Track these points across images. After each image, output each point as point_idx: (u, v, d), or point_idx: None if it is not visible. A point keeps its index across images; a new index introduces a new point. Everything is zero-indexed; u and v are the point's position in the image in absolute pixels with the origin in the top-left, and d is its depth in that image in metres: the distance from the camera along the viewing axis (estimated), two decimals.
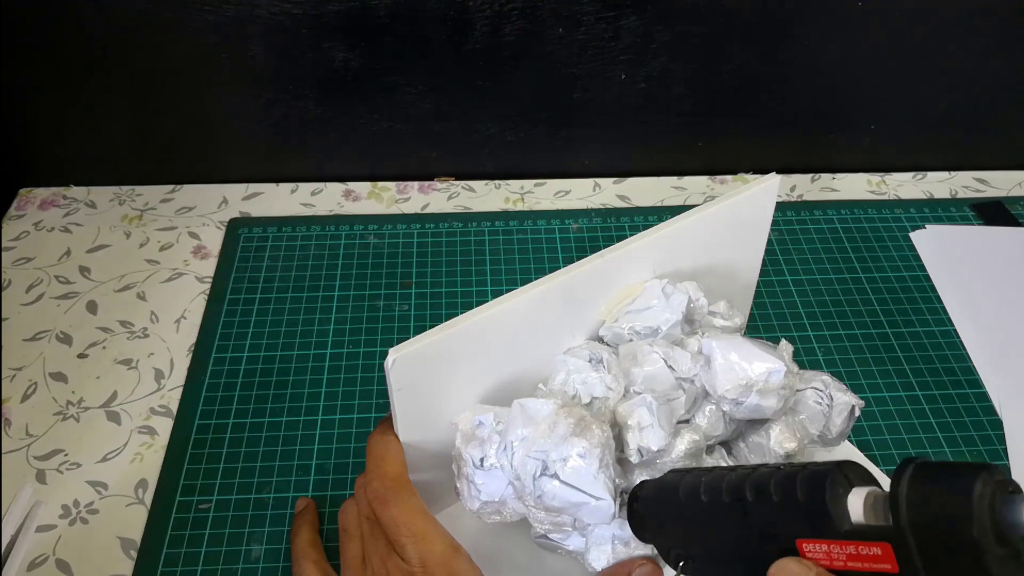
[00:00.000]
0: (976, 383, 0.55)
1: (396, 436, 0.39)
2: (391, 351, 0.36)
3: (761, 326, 0.58)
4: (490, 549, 0.44)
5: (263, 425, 0.52)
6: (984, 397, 0.54)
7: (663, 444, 0.38)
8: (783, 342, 0.43)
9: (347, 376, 0.55)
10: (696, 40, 0.63)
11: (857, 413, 0.43)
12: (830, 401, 0.43)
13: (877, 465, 0.50)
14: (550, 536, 0.40)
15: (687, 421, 0.42)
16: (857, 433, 0.52)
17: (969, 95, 0.68)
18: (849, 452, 0.50)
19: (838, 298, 0.60)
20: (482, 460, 0.38)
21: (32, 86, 0.62)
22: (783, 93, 0.67)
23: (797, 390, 0.43)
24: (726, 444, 0.44)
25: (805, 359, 0.56)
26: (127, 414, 0.53)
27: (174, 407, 0.53)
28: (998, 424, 0.53)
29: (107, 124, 0.65)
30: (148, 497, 0.48)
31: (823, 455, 0.48)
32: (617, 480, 0.37)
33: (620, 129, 0.69)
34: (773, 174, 0.45)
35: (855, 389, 0.54)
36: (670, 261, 0.44)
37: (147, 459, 0.50)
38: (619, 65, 0.64)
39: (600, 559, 0.39)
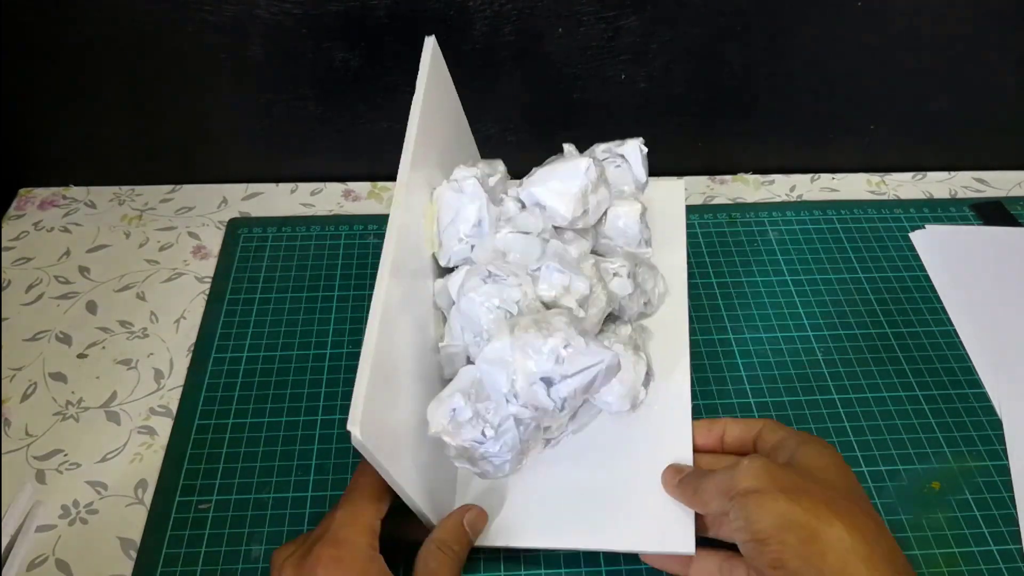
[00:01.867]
0: (976, 383, 0.55)
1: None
2: (350, 425, 0.35)
3: (761, 326, 0.58)
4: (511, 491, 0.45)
5: (263, 425, 0.52)
6: (984, 397, 0.54)
7: (588, 284, 0.43)
8: (567, 145, 0.49)
9: (347, 376, 0.54)
10: (696, 40, 0.63)
11: (644, 149, 0.51)
12: (623, 158, 0.51)
13: (877, 465, 0.50)
14: (555, 437, 0.45)
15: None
16: (857, 433, 0.52)
17: (969, 95, 0.68)
18: None
19: (838, 298, 0.60)
20: (484, 432, 0.39)
21: (32, 86, 0.62)
22: (783, 93, 0.67)
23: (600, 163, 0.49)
24: (593, 250, 0.50)
25: (805, 359, 0.56)
26: (127, 414, 0.53)
27: (174, 407, 0.53)
28: (998, 424, 0.53)
29: (107, 124, 0.65)
30: (148, 497, 0.48)
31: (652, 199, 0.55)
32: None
33: (620, 129, 0.68)
34: (429, 40, 0.51)
35: (855, 389, 0.54)
36: (428, 164, 0.48)
37: (147, 459, 0.50)
38: (619, 65, 0.64)
39: (616, 396, 0.44)
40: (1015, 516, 0.48)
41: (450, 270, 0.47)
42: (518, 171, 0.70)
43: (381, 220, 0.66)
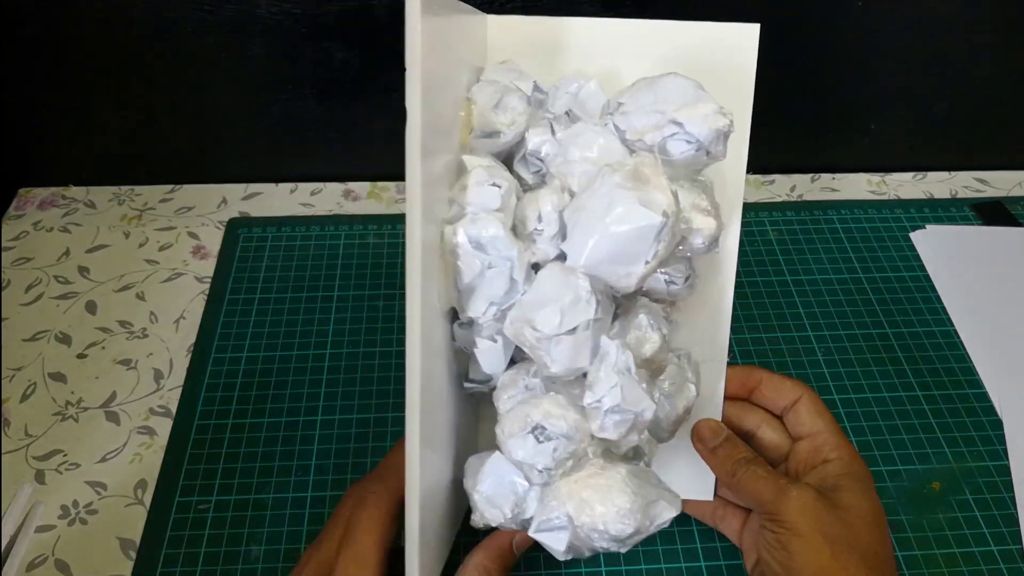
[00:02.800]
0: (976, 383, 0.55)
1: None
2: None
3: (761, 326, 0.58)
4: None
5: (263, 425, 0.52)
6: (984, 397, 0.54)
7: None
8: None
9: (347, 376, 0.54)
10: None
11: (724, 120, 0.37)
12: (693, 140, 0.37)
13: (877, 465, 0.50)
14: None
15: None
16: (857, 433, 0.52)
17: (969, 95, 0.68)
18: None
19: (838, 298, 0.60)
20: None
21: (32, 86, 0.62)
22: (783, 93, 0.67)
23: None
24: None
25: (805, 359, 0.56)
26: (126, 414, 0.52)
27: (173, 407, 0.53)
28: (998, 424, 0.53)
29: (107, 124, 0.65)
30: (147, 497, 0.48)
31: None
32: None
33: None
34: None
35: (855, 389, 0.54)
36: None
37: (146, 459, 0.50)
38: None
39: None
40: (1016, 516, 0.48)
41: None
42: None
43: (381, 220, 0.66)
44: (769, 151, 0.71)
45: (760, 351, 0.56)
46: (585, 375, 0.36)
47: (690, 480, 0.44)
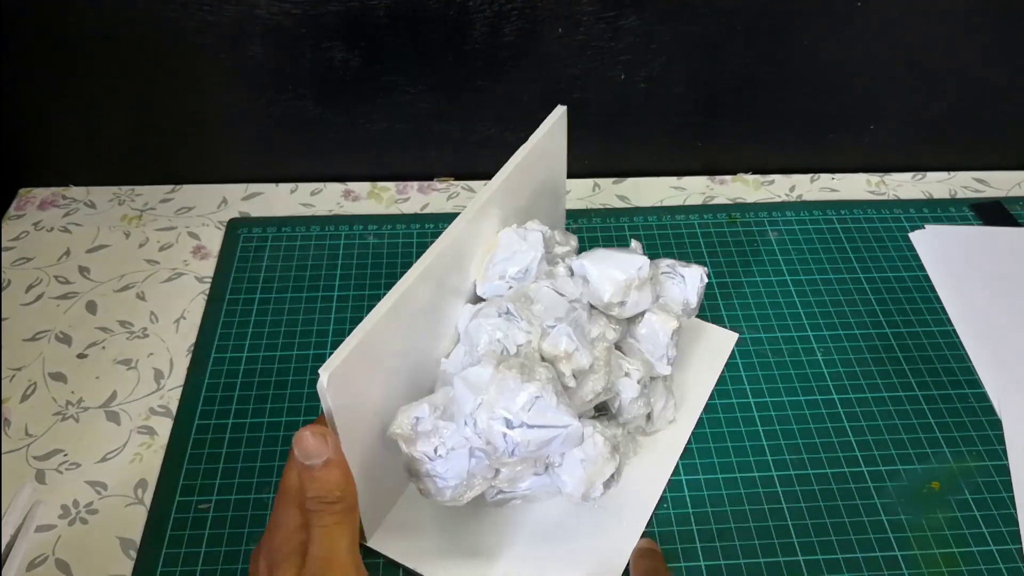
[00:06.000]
0: (976, 383, 0.55)
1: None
2: (321, 370, 0.36)
3: (761, 326, 0.58)
4: (454, 524, 0.46)
5: (263, 425, 0.52)
6: (984, 397, 0.54)
7: (590, 360, 0.42)
8: (634, 241, 0.50)
9: None
10: (696, 40, 0.63)
11: (705, 279, 0.50)
12: (682, 278, 0.50)
13: (877, 465, 0.50)
14: (504, 491, 0.43)
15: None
16: (857, 433, 0.52)
17: (969, 95, 0.68)
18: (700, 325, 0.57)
19: (838, 298, 0.60)
20: (436, 450, 0.39)
21: (32, 86, 0.62)
22: (783, 93, 0.67)
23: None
24: (617, 346, 0.48)
25: (805, 359, 0.56)
26: (126, 414, 0.53)
27: (174, 407, 0.53)
28: (998, 424, 0.53)
29: (107, 124, 0.65)
30: (148, 497, 0.48)
31: (688, 324, 0.54)
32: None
33: (620, 129, 0.69)
34: (559, 107, 0.51)
35: (855, 389, 0.54)
36: (509, 203, 0.48)
37: (147, 459, 0.50)
38: (619, 65, 0.64)
39: (573, 479, 0.42)
40: (1015, 516, 0.48)
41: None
42: None
43: (381, 220, 0.66)
44: (769, 151, 0.72)
45: (760, 351, 0.56)
46: None
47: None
